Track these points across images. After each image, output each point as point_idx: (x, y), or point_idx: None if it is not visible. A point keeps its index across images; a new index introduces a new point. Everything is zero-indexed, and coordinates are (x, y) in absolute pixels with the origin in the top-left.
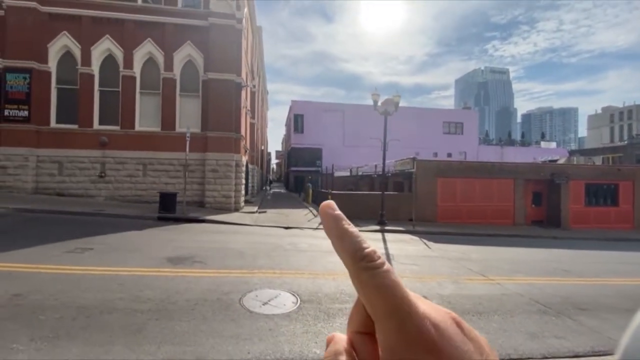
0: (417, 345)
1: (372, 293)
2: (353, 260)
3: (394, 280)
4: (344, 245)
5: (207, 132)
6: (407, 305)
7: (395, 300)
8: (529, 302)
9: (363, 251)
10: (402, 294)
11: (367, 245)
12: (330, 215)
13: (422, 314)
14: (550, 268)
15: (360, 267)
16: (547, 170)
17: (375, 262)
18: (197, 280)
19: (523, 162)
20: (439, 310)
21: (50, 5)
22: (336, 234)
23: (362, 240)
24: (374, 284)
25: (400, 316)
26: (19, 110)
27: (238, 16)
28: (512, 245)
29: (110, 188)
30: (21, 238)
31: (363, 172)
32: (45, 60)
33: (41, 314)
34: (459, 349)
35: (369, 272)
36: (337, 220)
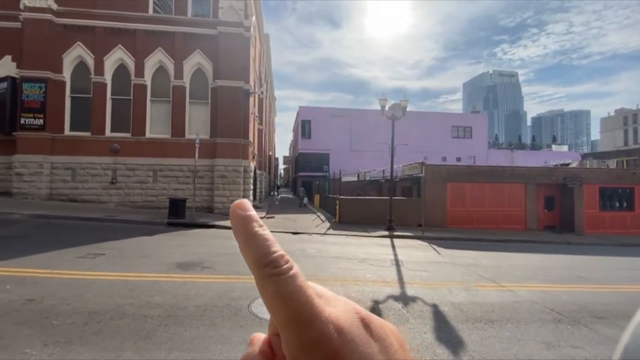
0: (317, 353)
1: (274, 301)
2: (256, 266)
3: (298, 285)
4: (249, 250)
5: (216, 139)
6: (309, 311)
7: (298, 307)
8: (543, 309)
9: (269, 257)
10: (306, 300)
11: (275, 250)
12: (238, 216)
13: (326, 319)
14: (565, 274)
15: (263, 274)
16: (560, 174)
17: (280, 267)
18: (207, 285)
19: (534, 166)
20: (347, 311)
21: (65, 17)
22: (243, 238)
23: (270, 244)
24: (276, 291)
25: (302, 324)
26: (35, 119)
27: (246, 24)
28: (524, 251)
29: (121, 194)
30: (35, 243)
31: (371, 177)
32: (60, 70)
33: (54, 318)
34: (362, 352)
35: (272, 279)
36: (245, 222)
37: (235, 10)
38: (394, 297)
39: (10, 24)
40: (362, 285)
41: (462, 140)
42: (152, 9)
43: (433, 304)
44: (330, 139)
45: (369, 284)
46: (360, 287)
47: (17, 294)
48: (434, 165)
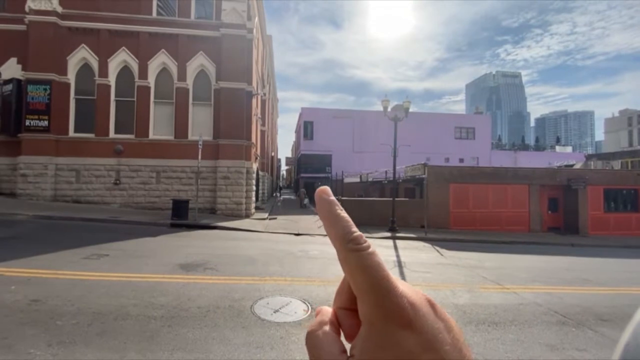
0: (394, 320)
1: (357, 272)
2: (342, 242)
3: (377, 261)
4: (336, 228)
5: (219, 140)
6: (387, 283)
7: (377, 278)
8: (547, 312)
9: (352, 234)
10: (384, 274)
11: (356, 230)
12: (325, 200)
13: (401, 293)
14: (569, 276)
15: (348, 248)
16: (564, 175)
17: (361, 244)
18: (209, 286)
19: (538, 167)
20: (415, 291)
21: (70, 19)
22: (329, 217)
23: (351, 224)
24: (359, 264)
25: (381, 293)
26: (40, 121)
27: (249, 26)
28: (528, 252)
29: (124, 195)
30: (40, 244)
31: (373, 178)
32: (65, 72)
33: (58, 319)
34: (431, 326)
35: (356, 254)
36: (331, 205)
37: (238, 12)
38: None
39: (15, 27)
40: None
41: (465, 141)
42: (155, 12)
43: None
44: (332, 140)
45: None
46: None
47: (22, 294)
48: (436, 166)
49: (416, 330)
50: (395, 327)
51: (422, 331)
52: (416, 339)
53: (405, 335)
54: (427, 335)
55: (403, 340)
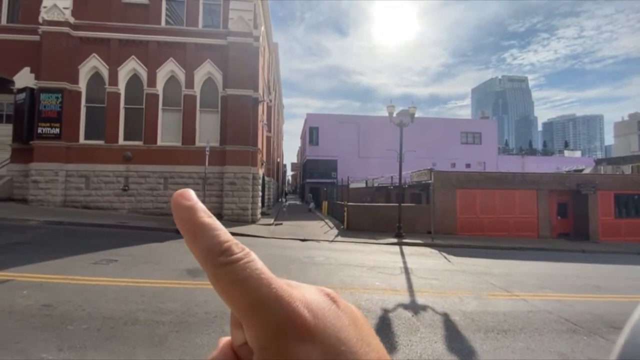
0: (290, 332)
1: (231, 289)
2: (209, 257)
3: (257, 268)
4: (198, 241)
5: (226, 146)
6: (273, 292)
7: (260, 290)
8: (557, 319)
9: (222, 245)
10: (268, 281)
11: (228, 238)
12: (183, 206)
13: (292, 297)
14: (580, 283)
15: (217, 263)
16: (573, 180)
17: (236, 254)
18: (216, 292)
19: (546, 172)
20: (310, 288)
21: (82, 29)
22: (189, 228)
23: (221, 233)
24: (233, 279)
25: (266, 306)
26: (51, 128)
27: (255, 34)
28: (537, 259)
29: (133, 201)
30: (51, 250)
31: (379, 183)
32: (76, 81)
33: (69, 324)
34: (334, 325)
35: (228, 267)
36: (191, 212)
37: (245, 20)
38: (403, 306)
39: (29, 37)
40: (371, 293)
41: (472, 146)
42: (164, 21)
43: (444, 313)
44: (337, 146)
45: (379, 292)
46: (369, 295)
47: (33, 299)
48: (443, 171)
49: (318, 338)
50: (292, 341)
51: (324, 337)
52: (320, 349)
53: (307, 349)
54: (331, 340)
55: (305, 356)
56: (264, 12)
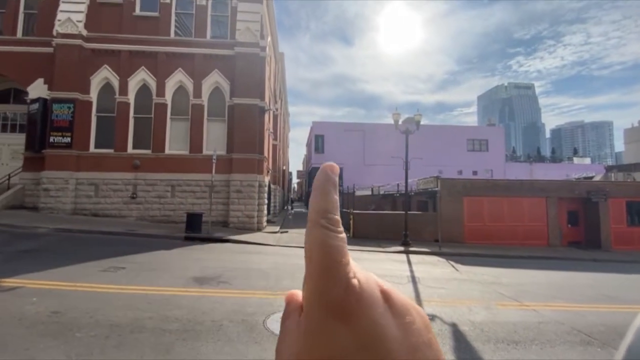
0: (332, 310)
1: (315, 248)
2: (316, 215)
3: (341, 245)
4: (317, 201)
5: (232, 154)
6: (342, 268)
7: (332, 260)
8: (570, 331)
9: (329, 213)
10: (343, 259)
11: (337, 214)
12: (325, 174)
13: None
14: (592, 293)
15: (318, 222)
16: (583, 187)
17: (334, 224)
18: (223, 300)
19: (555, 179)
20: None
21: (93, 42)
22: (319, 190)
23: (335, 208)
24: (322, 240)
25: (330, 276)
26: (63, 137)
27: (262, 44)
28: (547, 268)
29: (140, 209)
30: (60, 257)
31: (385, 191)
32: (88, 91)
33: (77, 331)
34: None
35: (323, 229)
36: (327, 181)
37: (252, 31)
38: None
39: (43, 49)
40: None
41: (478, 154)
42: (173, 32)
43: (452, 323)
44: (343, 154)
45: None
46: None
47: (43, 306)
48: (449, 179)
49: (352, 324)
50: (331, 318)
51: (359, 326)
52: (351, 333)
53: (341, 329)
54: (365, 331)
55: (337, 334)
56: (270, 23)
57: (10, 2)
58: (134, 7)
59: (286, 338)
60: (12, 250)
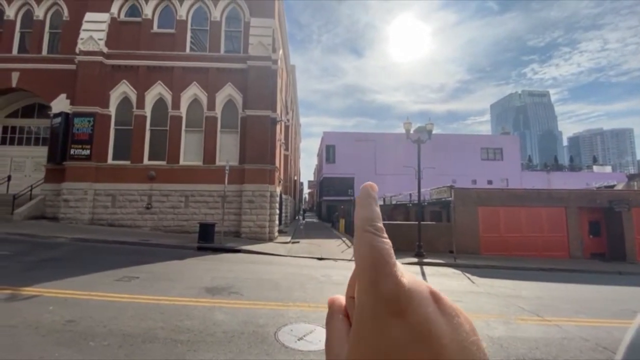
0: (385, 306)
1: (364, 247)
2: (362, 223)
3: (387, 248)
4: (362, 212)
5: (245, 165)
6: (389, 267)
7: (381, 258)
8: (594, 347)
9: (373, 221)
10: (390, 260)
11: (381, 223)
12: (367, 191)
13: (399, 281)
14: (617, 308)
15: (365, 229)
16: (604, 197)
17: (379, 230)
18: (234, 311)
19: (574, 188)
20: (419, 282)
21: (113, 58)
22: (362, 204)
23: (379, 218)
24: (370, 242)
25: (379, 273)
26: (83, 150)
27: (274, 58)
28: (569, 281)
29: (155, 219)
30: (77, 266)
31: (397, 201)
32: (107, 105)
33: (91, 340)
34: (426, 317)
35: (370, 234)
36: (368, 196)
37: (264, 45)
38: None
39: (66, 66)
40: None
41: (493, 163)
42: (189, 48)
43: None
44: (354, 163)
45: None
46: None
47: (58, 314)
48: (463, 188)
49: (406, 319)
50: (384, 314)
51: (413, 321)
52: (405, 327)
53: (394, 322)
54: (419, 326)
55: (391, 327)
56: (282, 37)
57: (36, 23)
58: (152, 24)
59: (334, 336)
60: (32, 259)
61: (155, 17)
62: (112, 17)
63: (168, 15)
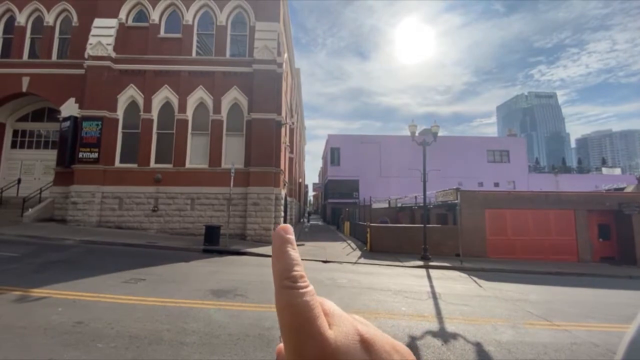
0: None
1: (284, 310)
2: (278, 278)
3: (307, 301)
4: (276, 264)
5: (250, 168)
6: (311, 326)
7: (301, 319)
8: (605, 353)
9: (290, 272)
10: (311, 315)
11: (297, 270)
12: (279, 236)
13: (324, 337)
14: (628, 313)
15: (282, 284)
16: (614, 199)
17: (296, 282)
18: (239, 313)
19: (583, 191)
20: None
21: (121, 63)
22: (275, 253)
23: (295, 264)
24: (287, 301)
25: (301, 335)
26: (91, 153)
27: (279, 61)
28: (578, 285)
29: (161, 221)
30: (85, 268)
31: (402, 203)
32: (115, 109)
33: (99, 341)
34: None
35: (287, 290)
36: (283, 242)
37: (269, 49)
38: (432, 333)
39: (75, 71)
40: (397, 319)
41: (499, 165)
42: (195, 52)
43: (476, 343)
44: (359, 166)
45: (405, 318)
46: (395, 321)
47: (67, 316)
48: (469, 191)
49: None
50: None
51: None
52: None
53: None
54: None
55: None
56: (287, 40)
57: (46, 29)
58: (159, 29)
59: None
60: (41, 261)
61: (162, 22)
62: (120, 22)
63: (175, 20)
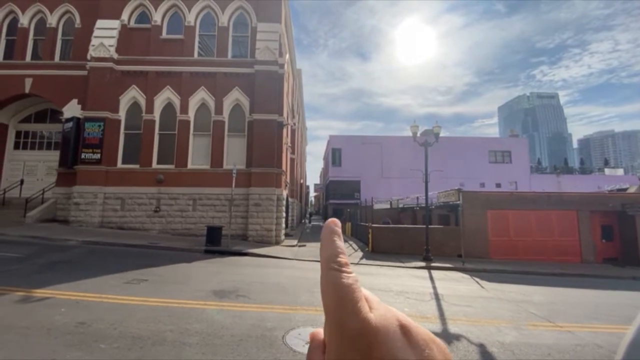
0: (352, 343)
1: (329, 288)
2: (325, 261)
3: (352, 284)
4: (325, 250)
5: (251, 169)
6: (354, 306)
7: (345, 298)
8: (609, 355)
9: (337, 257)
10: (354, 296)
11: (343, 257)
12: (329, 227)
13: (366, 317)
14: (632, 314)
15: (329, 267)
16: (617, 200)
17: (342, 267)
18: (242, 314)
19: (585, 191)
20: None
21: (124, 64)
22: (325, 242)
23: (342, 252)
24: (334, 281)
25: (344, 312)
26: (93, 154)
27: (280, 62)
28: (582, 286)
29: (163, 222)
30: (88, 268)
31: (404, 204)
32: (117, 110)
33: (102, 342)
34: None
35: (333, 272)
36: (332, 233)
37: (271, 50)
38: (435, 334)
39: (78, 72)
40: None
41: (501, 166)
42: (197, 53)
43: (480, 344)
44: (360, 167)
45: None
46: None
47: (70, 317)
48: (471, 191)
49: (371, 357)
50: (350, 350)
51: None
52: None
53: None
54: None
55: None
56: (288, 41)
57: (49, 30)
58: (161, 30)
59: None
60: (43, 261)
61: (165, 24)
62: (122, 23)
63: (177, 21)
